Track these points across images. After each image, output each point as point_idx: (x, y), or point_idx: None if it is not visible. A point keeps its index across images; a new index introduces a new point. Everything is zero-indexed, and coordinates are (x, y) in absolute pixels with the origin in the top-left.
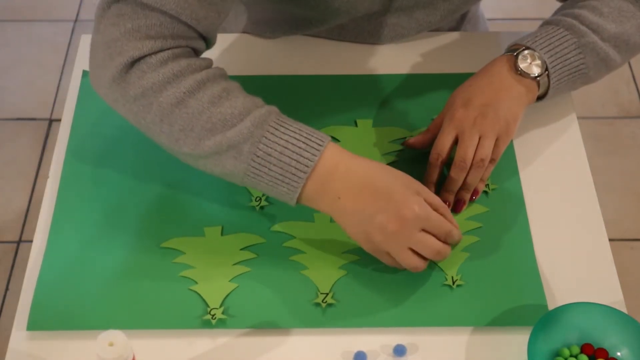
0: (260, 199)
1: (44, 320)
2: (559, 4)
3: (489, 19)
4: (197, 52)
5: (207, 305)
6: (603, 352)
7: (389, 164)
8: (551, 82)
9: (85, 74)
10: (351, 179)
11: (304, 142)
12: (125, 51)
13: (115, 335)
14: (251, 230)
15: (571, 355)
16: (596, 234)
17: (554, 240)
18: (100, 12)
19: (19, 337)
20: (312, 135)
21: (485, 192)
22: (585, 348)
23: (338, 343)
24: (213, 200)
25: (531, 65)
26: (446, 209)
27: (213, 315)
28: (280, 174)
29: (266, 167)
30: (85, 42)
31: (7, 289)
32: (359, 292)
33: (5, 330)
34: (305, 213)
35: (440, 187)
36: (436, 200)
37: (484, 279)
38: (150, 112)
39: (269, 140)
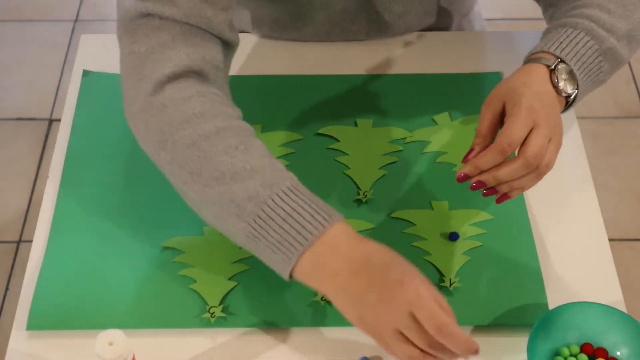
0: None
1: (44, 320)
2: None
3: (488, 19)
4: (219, 58)
5: (207, 304)
6: (603, 351)
7: (389, 164)
8: (577, 98)
9: (85, 73)
10: (351, 258)
11: (310, 214)
12: (147, 75)
13: (115, 335)
14: None
15: (571, 355)
16: (596, 234)
17: (553, 240)
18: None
19: (19, 337)
20: (322, 209)
21: None
22: (585, 347)
23: (338, 342)
24: None
25: (566, 84)
26: (449, 309)
27: (212, 314)
28: (279, 241)
29: (266, 231)
30: (85, 42)
31: (7, 289)
32: None
33: (5, 330)
34: None
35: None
36: (438, 295)
37: (485, 279)
38: (165, 150)
39: (275, 204)
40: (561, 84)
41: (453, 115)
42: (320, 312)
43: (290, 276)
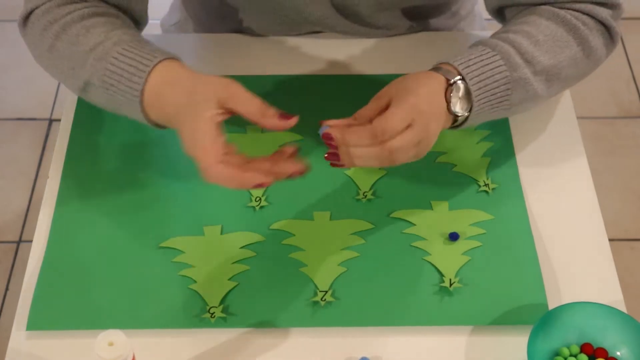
0: (260, 199)
1: (44, 320)
2: None
3: (488, 19)
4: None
5: (207, 304)
6: (603, 351)
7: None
8: (468, 119)
9: None
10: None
11: (134, 67)
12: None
13: (115, 335)
14: (250, 230)
15: (571, 355)
16: (596, 234)
17: (553, 240)
18: None
19: (18, 337)
20: (143, 58)
21: (485, 192)
22: (584, 347)
23: (338, 342)
24: (212, 200)
25: (458, 102)
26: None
27: (212, 314)
28: (125, 102)
29: (114, 95)
30: None
31: (7, 289)
32: (358, 290)
33: (5, 330)
34: (304, 212)
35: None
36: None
37: (485, 279)
38: (42, 61)
39: (110, 71)
40: (453, 101)
41: None
42: (320, 312)
43: (148, 119)
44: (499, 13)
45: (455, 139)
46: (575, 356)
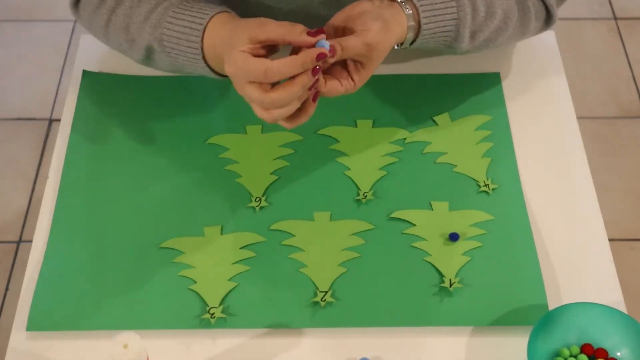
0: (260, 199)
1: (44, 320)
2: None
3: None
4: None
5: (207, 305)
6: (603, 352)
7: (389, 165)
8: (415, 43)
9: (85, 74)
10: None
11: (189, 27)
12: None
13: (130, 337)
14: (250, 230)
15: (571, 355)
16: (596, 234)
17: (553, 240)
18: None
19: (18, 337)
20: (196, 18)
21: (485, 192)
22: (585, 348)
23: (338, 343)
24: (212, 201)
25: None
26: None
27: (212, 315)
28: (187, 62)
29: (177, 57)
30: (85, 42)
31: (7, 289)
32: (358, 291)
33: (5, 330)
34: (304, 212)
35: None
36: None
37: (485, 279)
38: (100, 37)
39: (167, 35)
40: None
41: (453, 115)
42: (320, 312)
43: (213, 71)
44: None
45: (455, 139)
46: (575, 357)
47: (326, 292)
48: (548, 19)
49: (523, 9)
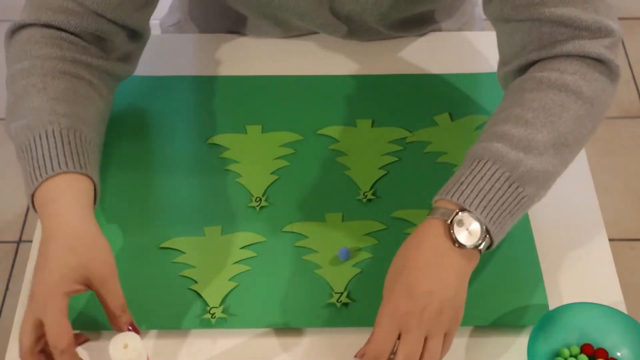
0: (260, 199)
1: None
2: None
3: (485, 19)
4: (105, 41)
5: (207, 305)
6: (603, 352)
7: (390, 164)
8: (494, 239)
9: None
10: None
11: (42, 162)
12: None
13: (130, 338)
14: (251, 230)
15: (571, 355)
16: (596, 234)
17: (553, 240)
18: None
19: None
20: (53, 160)
21: None
22: (585, 348)
23: (338, 343)
24: (213, 201)
25: (470, 235)
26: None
27: (213, 315)
28: (28, 171)
29: (20, 161)
30: None
31: (7, 289)
32: (364, 292)
33: (5, 330)
34: (304, 212)
35: None
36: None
37: (485, 279)
38: (4, 71)
39: (26, 146)
40: (460, 237)
41: (453, 115)
42: (320, 313)
43: (33, 205)
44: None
45: (455, 139)
46: (575, 357)
47: (341, 293)
48: (606, 68)
49: (557, 87)
